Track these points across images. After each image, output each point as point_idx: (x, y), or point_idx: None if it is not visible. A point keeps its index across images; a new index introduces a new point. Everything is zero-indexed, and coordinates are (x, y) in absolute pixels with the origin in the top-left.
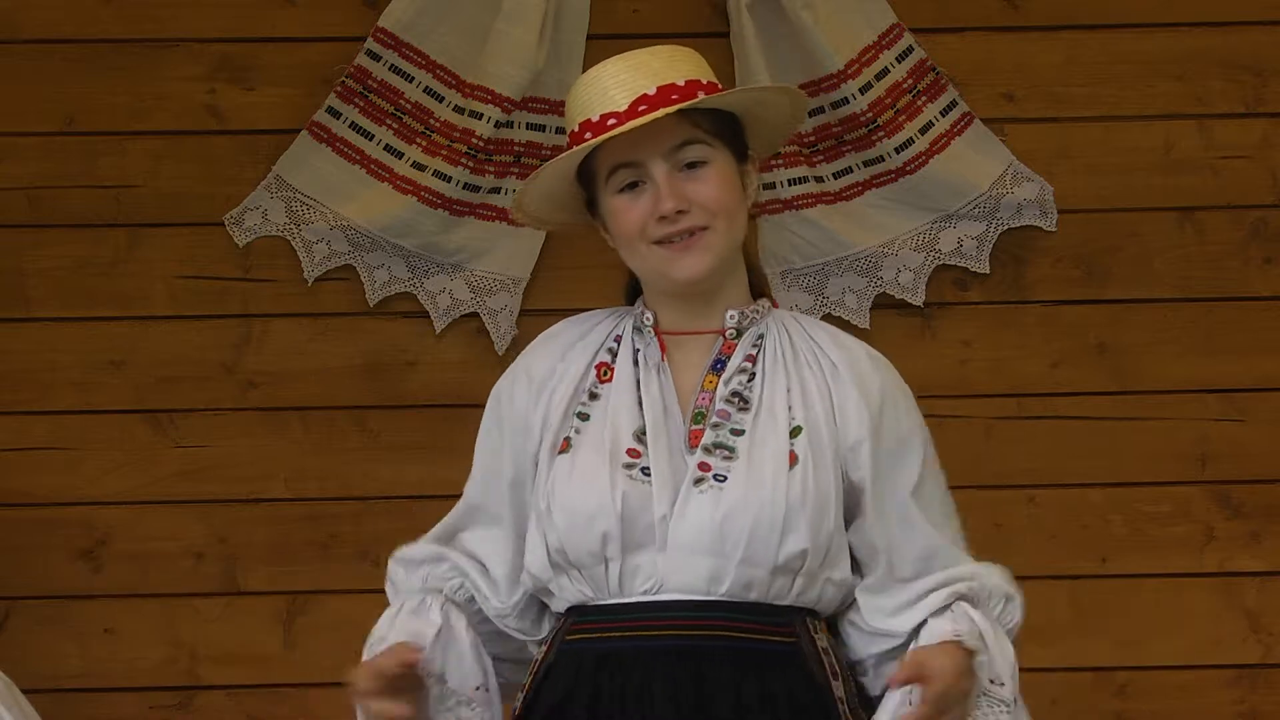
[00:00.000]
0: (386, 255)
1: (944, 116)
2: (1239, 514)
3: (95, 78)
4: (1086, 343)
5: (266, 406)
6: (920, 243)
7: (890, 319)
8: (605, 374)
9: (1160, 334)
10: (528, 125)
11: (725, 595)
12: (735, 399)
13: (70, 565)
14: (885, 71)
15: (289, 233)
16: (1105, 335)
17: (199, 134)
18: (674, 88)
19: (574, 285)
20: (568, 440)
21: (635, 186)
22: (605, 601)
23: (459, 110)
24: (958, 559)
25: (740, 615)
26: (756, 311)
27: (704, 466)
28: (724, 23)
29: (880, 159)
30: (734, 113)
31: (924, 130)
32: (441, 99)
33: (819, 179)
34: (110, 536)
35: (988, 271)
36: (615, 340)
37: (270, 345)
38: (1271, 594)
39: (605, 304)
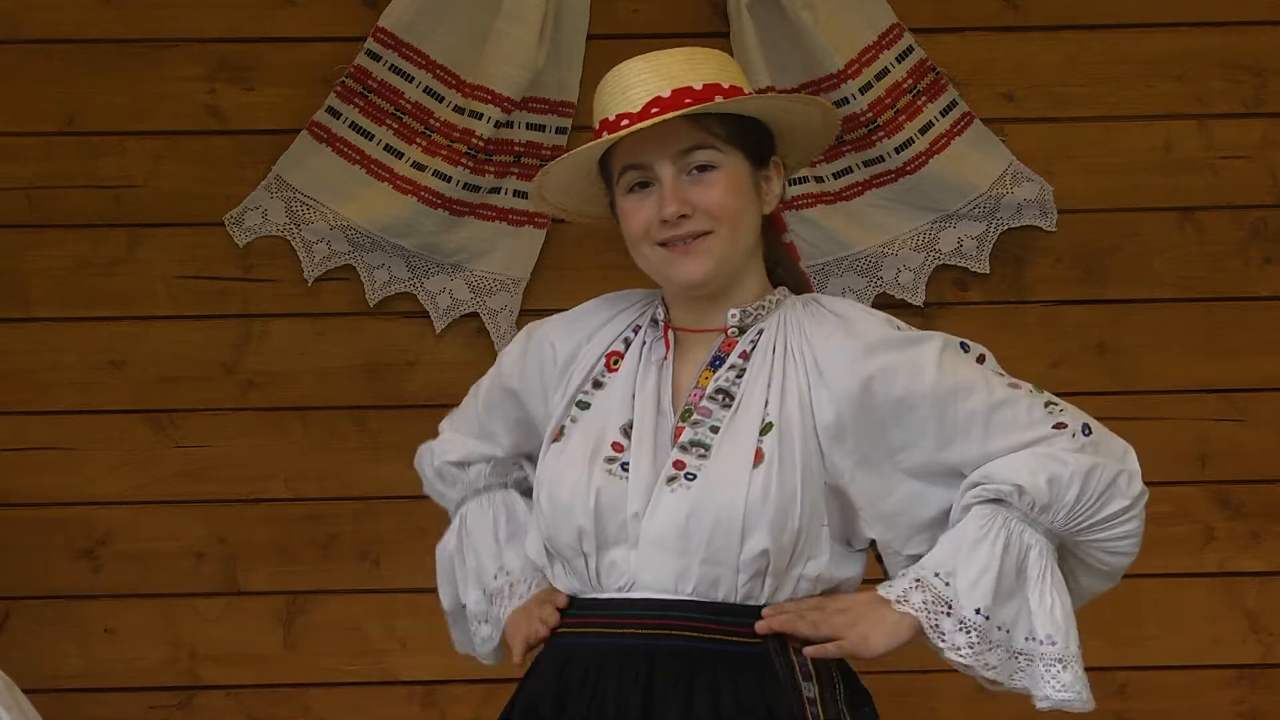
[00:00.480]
0: (386, 255)
1: (944, 116)
2: (1239, 514)
3: (95, 78)
4: (1086, 343)
5: (266, 406)
6: (920, 243)
7: (889, 315)
8: (614, 363)
9: (1160, 334)
10: (528, 125)
11: (693, 594)
12: (720, 396)
13: (70, 565)
14: (885, 71)
15: (289, 233)
16: (1105, 335)
17: (199, 134)
18: (689, 91)
19: (574, 285)
20: (562, 429)
21: (644, 187)
22: (587, 596)
23: (459, 110)
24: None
25: (706, 615)
26: (762, 307)
27: (678, 464)
28: (724, 23)
29: (880, 159)
30: (756, 119)
31: (924, 130)
32: (441, 99)
33: (819, 179)
34: (110, 536)
35: (988, 271)
36: (634, 330)
37: (270, 345)
38: (1271, 594)
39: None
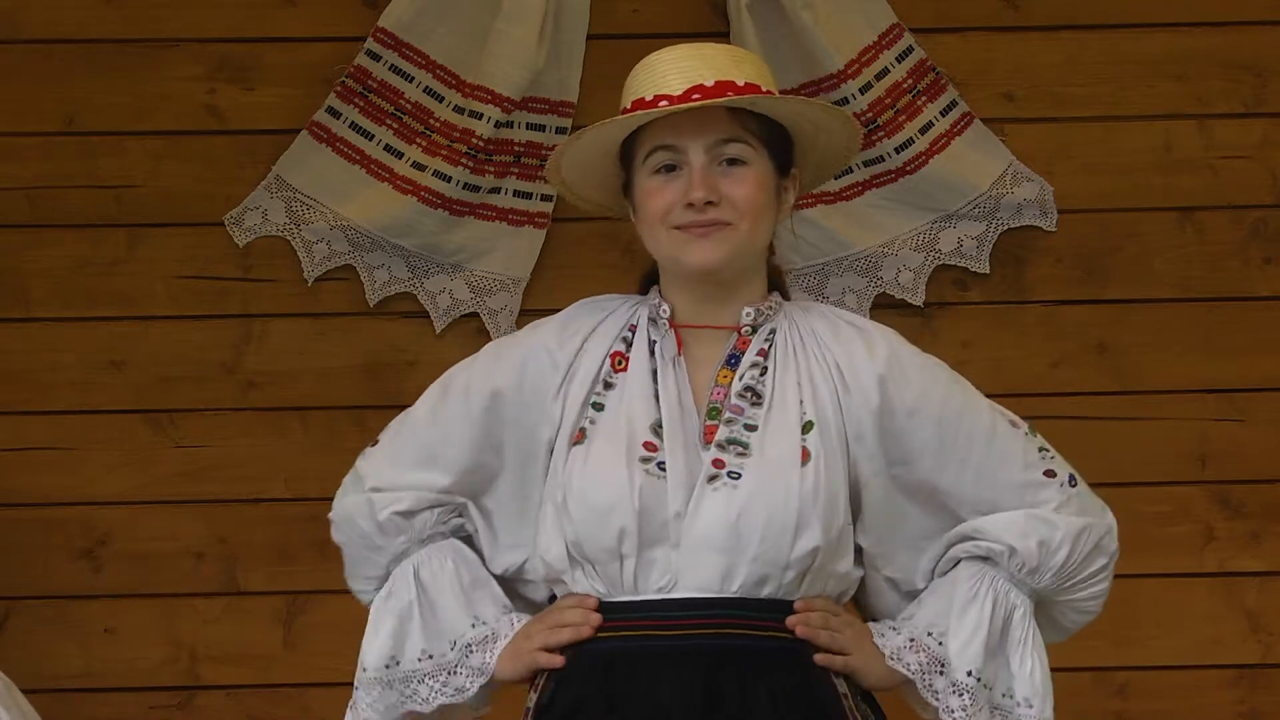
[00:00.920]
0: (386, 255)
1: (944, 116)
2: (1239, 514)
3: (95, 78)
4: (1086, 343)
5: (266, 406)
6: (920, 243)
7: (890, 319)
8: (620, 363)
9: (1160, 334)
10: (528, 125)
11: (738, 592)
12: (748, 394)
13: (70, 565)
14: (885, 71)
15: (289, 233)
16: (1105, 335)
17: (199, 134)
18: (732, 85)
19: (574, 285)
20: (583, 431)
21: (671, 171)
22: (618, 599)
23: (459, 110)
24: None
25: (751, 613)
26: (770, 308)
27: (718, 463)
28: (724, 23)
29: (880, 159)
30: (785, 128)
31: (924, 130)
32: (441, 99)
33: None
34: (110, 536)
35: (988, 271)
36: (630, 330)
37: (270, 345)
38: (1271, 594)
39: (617, 294)
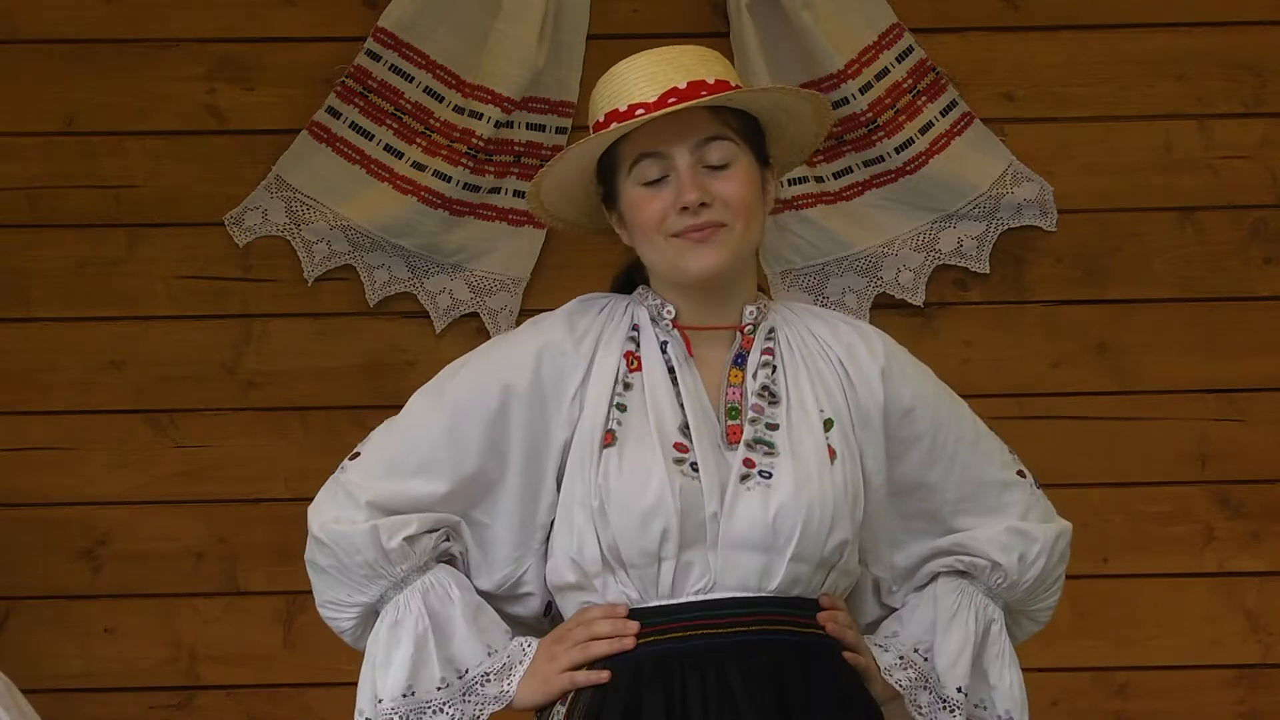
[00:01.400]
0: (386, 255)
1: (944, 116)
2: (1239, 514)
3: (95, 78)
4: (1086, 343)
5: (266, 406)
6: (920, 243)
7: (890, 319)
8: (633, 363)
9: (1160, 334)
10: (528, 125)
11: (775, 591)
12: (765, 393)
13: (70, 565)
14: (885, 71)
15: (289, 233)
16: (1105, 335)
17: (199, 134)
18: (704, 84)
19: (574, 285)
20: (612, 433)
21: (658, 180)
22: (652, 604)
23: (459, 110)
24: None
25: (790, 610)
26: (765, 305)
27: (748, 463)
28: (724, 23)
29: (880, 159)
30: (758, 119)
31: (924, 130)
32: (441, 99)
33: (819, 179)
34: (110, 536)
35: (988, 271)
36: (634, 329)
37: (270, 345)
38: (1271, 594)
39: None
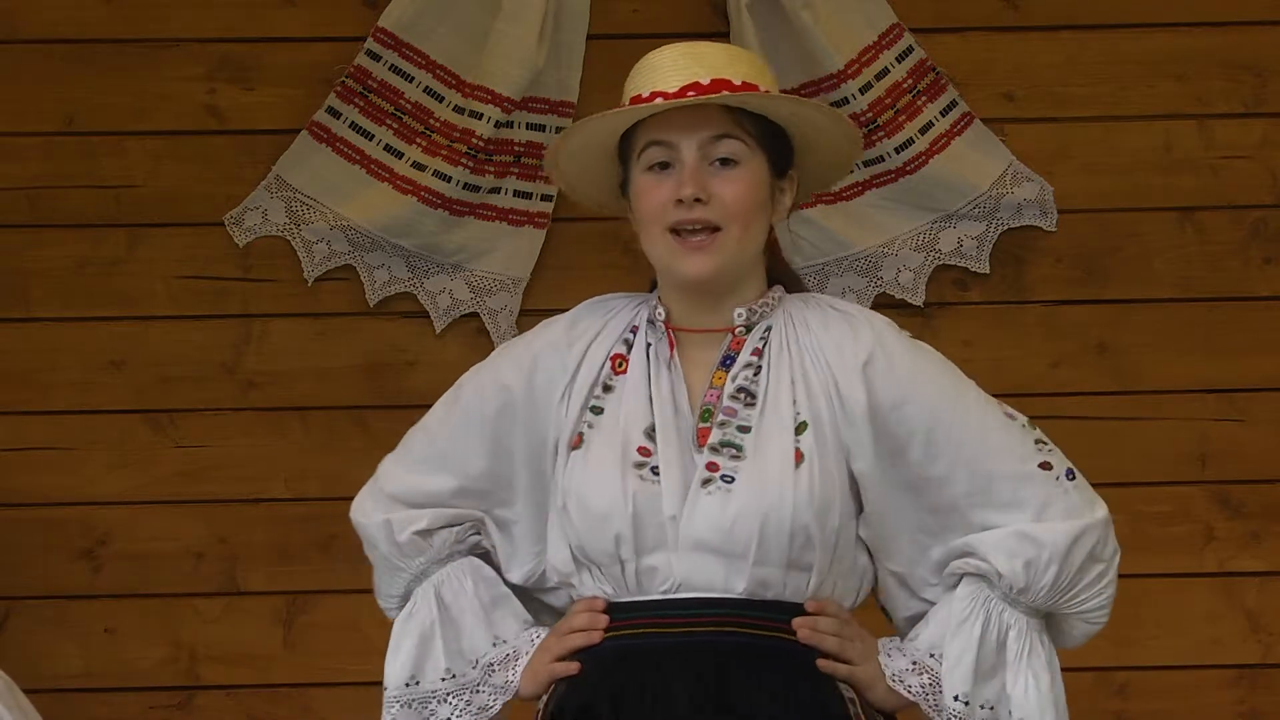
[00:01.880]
0: (386, 255)
1: (944, 116)
2: (1239, 514)
3: (95, 78)
4: (1086, 343)
5: (266, 406)
6: (920, 243)
7: (890, 319)
8: (620, 365)
9: (1160, 334)
10: (528, 125)
11: (743, 594)
12: (742, 395)
13: (70, 565)
14: (885, 71)
15: (289, 233)
16: (1105, 335)
17: (199, 134)
18: (728, 84)
19: (574, 285)
20: (581, 436)
21: (665, 169)
22: (626, 599)
23: (459, 110)
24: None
25: (757, 613)
26: (766, 305)
27: (712, 466)
28: (724, 23)
29: (880, 159)
30: (786, 131)
31: (924, 130)
32: (441, 99)
33: None
34: (110, 536)
35: (988, 271)
36: (632, 331)
37: (270, 345)
38: (1271, 594)
39: (624, 293)
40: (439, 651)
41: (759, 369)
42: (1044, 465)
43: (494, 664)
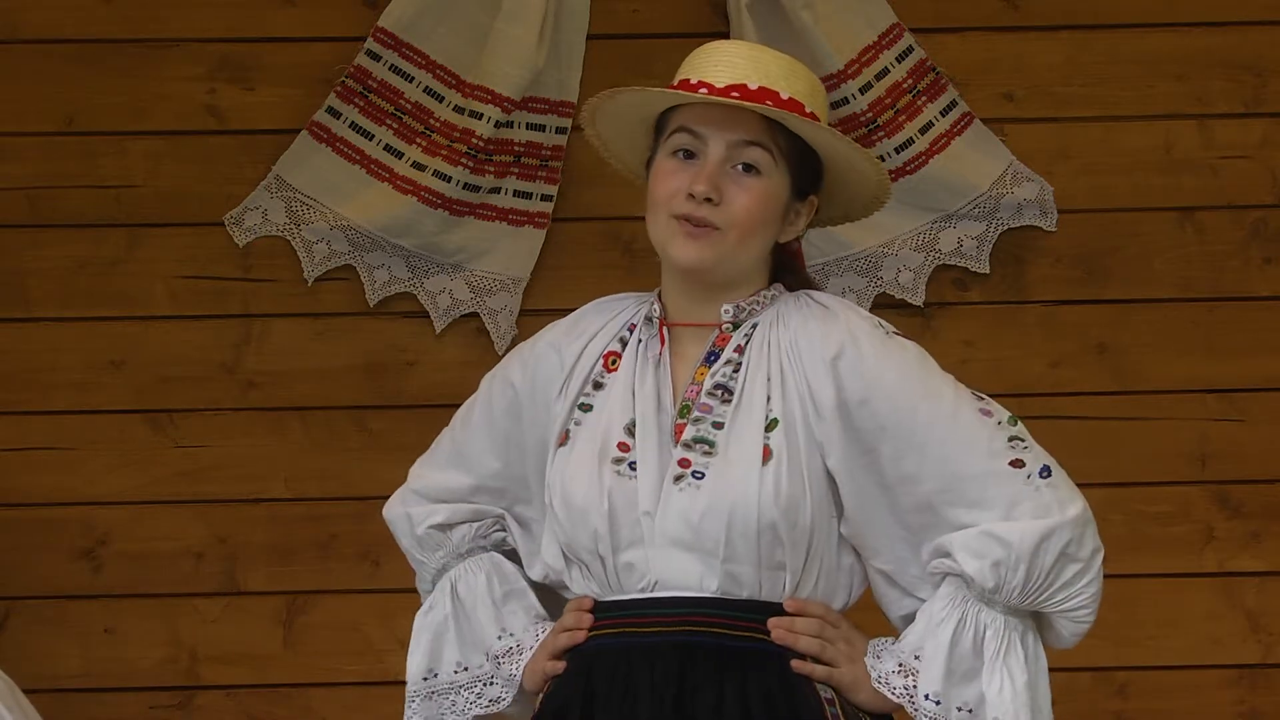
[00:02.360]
0: (386, 255)
1: (944, 116)
2: (1239, 514)
3: (95, 78)
4: (1086, 343)
5: (266, 406)
6: (920, 243)
7: (890, 319)
8: (613, 363)
9: (1160, 334)
10: (528, 125)
11: (717, 592)
12: (719, 391)
13: (70, 565)
14: (885, 71)
15: (289, 233)
16: (1105, 335)
17: (199, 134)
18: (774, 95)
19: (574, 285)
20: (567, 433)
21: (688, 157)
22: (609, 598)
23: (459, 110)
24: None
25: (732, 613)
26: (756, 302)
27: (684, 463)
28: (724, 23)
29: (880, 159)
30: (819, 156)
31: (924, 130)
32: (441, 99)
33: None
34: (110, 536)
35: (988, 271)
36: (629, 329)
37: (270, 345)
38: (1271, 594)
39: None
40: (453, 644)
41: (738, 365)
42: (1015, 463)
43: (500, 657)
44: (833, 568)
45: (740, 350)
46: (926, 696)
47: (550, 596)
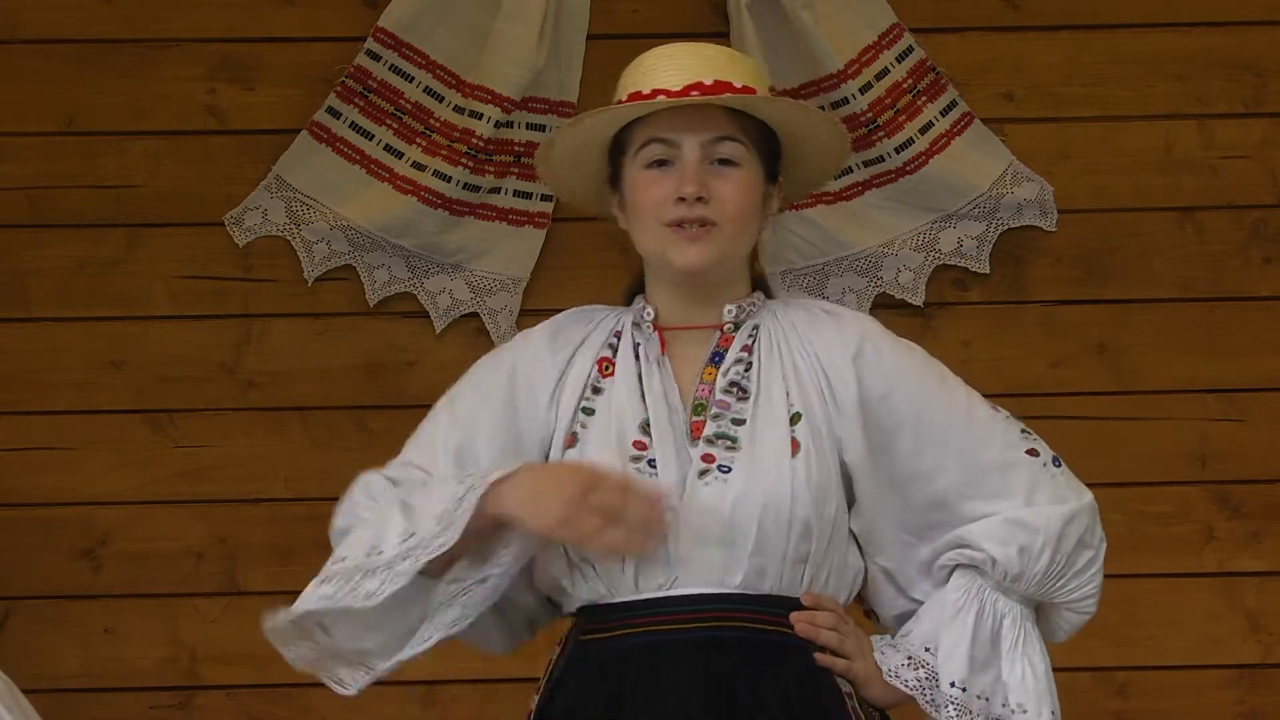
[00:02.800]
0: (386, 255)
1: (944, 116)
2: (1239, 514)
3: (95, 78)
4: (1086, 343)
5: (266, 406)
6: (920, 243)
7: (890, 319)
8: (607, 369)
9: (1160, 334)
10: (528, 125)
11: (740, 587)
12: (734, 389)
13: (70, 565)
14: (885, 71)
15: (289, 233)
16: (1105, 335)
17: (199, 134)
18: (729, 85)
19: (574, 285)
20: (574, 436)
21: (664, 165)
22: (619, 599)
23: (459, 110)
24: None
25: (753, 607)
26: (753, 304)
27: (707, 458)
28: (724, 23)
29: (880, 159)
30: (775, 133)
31: (924, 130)
32: (441, 99)
33: None
34: (110, 536)
35: (988, 271)
36: (615, 336)
37: (270, 345)
38: (1271, 594)
39: (604, 304)
40: (399, 519)
41: (749, 364)
42: (1031, 452)
43: (462, 497)
44: (843, 564)
45: (748, 349)
46: (952, 684)
47: (541, 604)
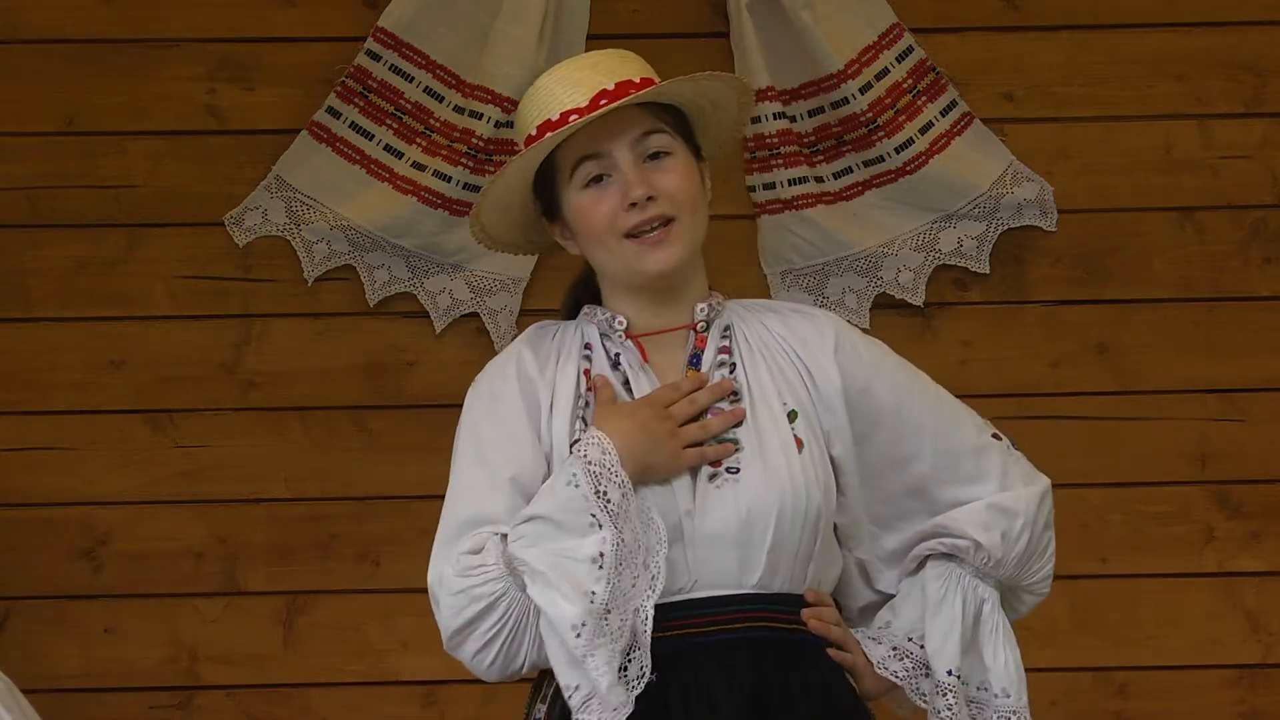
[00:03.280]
0: (386, 255)
1: (944, 116)
2: (1239, 514)
3: (95, 78)
4: (1086, 343)
5: (266, 406)
6: (920, 243)
7: (890, 319)
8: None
9: (1160, 334)
10: None
11: (755, 587)
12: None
13: (70, 565)
14: (885, 71)
15: (289, 233)
16: (1105, 335)
17: (199, 134)
18: (631, 83)
19: None
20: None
21: (600, 181)
22: None
23: (459, 110)
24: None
25: (772, 606)
26: (720, 303)
27: (713, 462)
28: (724, 23)
29: (880, 159)
30: (686, 114)
31: (924, 130)
32: (441, 99)
33: (819, 179)
34: (110, 536)
35: (988, 271)
36: (586, 348)
37: (270, 345)
38: (1271, 594)
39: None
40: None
41: (733, 366)
42: (995, 436)
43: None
44: (833, 557)
45: (726, 350)
46: (949, 672)
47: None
